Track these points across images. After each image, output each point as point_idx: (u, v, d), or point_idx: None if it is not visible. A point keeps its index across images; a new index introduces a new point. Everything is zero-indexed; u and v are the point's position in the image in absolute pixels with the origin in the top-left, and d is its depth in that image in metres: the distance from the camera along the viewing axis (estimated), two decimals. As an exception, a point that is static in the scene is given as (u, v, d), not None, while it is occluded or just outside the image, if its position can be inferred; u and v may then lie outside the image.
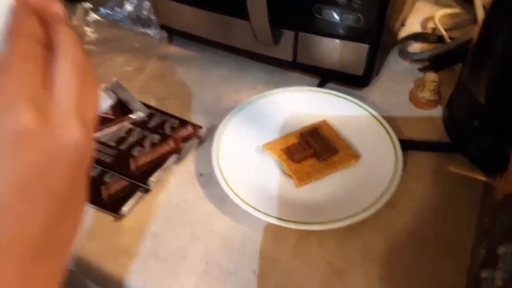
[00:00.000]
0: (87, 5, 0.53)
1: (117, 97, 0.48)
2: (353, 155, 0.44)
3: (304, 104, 0.50)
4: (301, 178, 0.42)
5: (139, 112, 0.48)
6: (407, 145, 0.45)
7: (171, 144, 0.45)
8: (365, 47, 0.47)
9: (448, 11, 0.65)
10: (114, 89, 0.49)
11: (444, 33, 0.60)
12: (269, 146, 0.45)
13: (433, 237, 0.39)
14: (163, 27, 0.58)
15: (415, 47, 0.60)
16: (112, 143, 0.45)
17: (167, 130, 0.47)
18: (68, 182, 0.20)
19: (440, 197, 0.42)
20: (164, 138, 0.46)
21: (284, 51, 0.52)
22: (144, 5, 0.55)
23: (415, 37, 0.60)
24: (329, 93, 0.50)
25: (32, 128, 0.18)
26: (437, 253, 0.38)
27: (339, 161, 0.43)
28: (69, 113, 0.20)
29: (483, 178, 0.41)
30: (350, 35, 0.47)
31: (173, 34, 0.59)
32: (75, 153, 0.20)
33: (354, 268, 0.37)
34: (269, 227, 0.38)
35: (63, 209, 0.20)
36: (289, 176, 0.43)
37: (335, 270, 0.37)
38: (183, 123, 0.48)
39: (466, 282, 0.35)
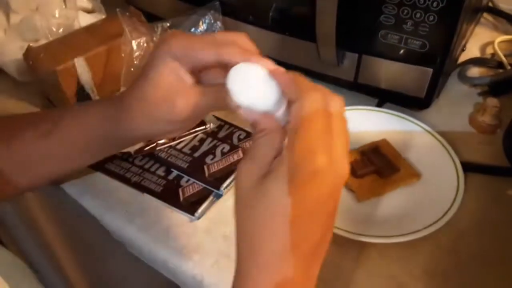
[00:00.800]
0: (166, 24, 0.58)
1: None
2: (414, 174, 0.45)
3: (364, 123, 0.52)
4: (363, 193, 0.44)
5: (210, 123, 0.52)
6: (467, 167, 0.46)
7: (240, 153, 0.49)
8: (428, 71, 0.49)
9: (508, 37, 0.66)
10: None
11: (503, 59, 0.61)
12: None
13: (494, 258, 0.40)
14: (231, 45, 0.62)
15: (474, 71, 0.61)
16: (187, 151, 0.49)
17: (235, 140, 0.51)
18: (336, 203, 0.27)
19: (500, 219, 0.43)
20: (233, 148, 0.50)
21: (345, 72, 0.55)
22: (215, 24, 0.60)
23: (475, 61, 0.61)
24: (389, 113, 0.52)
25: (324, 168, 0.25)
26: (498, 273, 0.39)
27: (400, 179, 0.45)
28: (343, 154, 0.26)
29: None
30: (414, 59, 0.49)
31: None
32: (343, 183, 0.27)
33: (415, 282, 0.39)
34: (332, 237, 0.41)
35: (330, 223, 0.27)
36: (350, 190, 0.45)
37: (396, 282, 0.38)
38: (249, 134, 0.52)
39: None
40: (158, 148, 0.49)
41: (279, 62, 0.59)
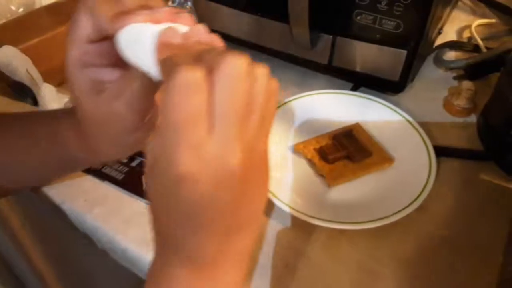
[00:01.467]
0: (132, 2, 0.55)
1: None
2: (387, 159, 0.44)
3: (337, 107, 0.51)
4: (334, 178, 0.43)
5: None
6: (440, 152, 0.45)
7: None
8: (403, 53, 0.47)
9: (485, 21, 0.65)
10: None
11: (480, 42, 0.60)
12: (301, 146, 0.46)
13: (464, 243, 0.39)
14: (202, 27, 0.60)
15: (450, 55, 0.60)
16: (152, 136, 0.47)
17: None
18: (231, 197, 0.21)
19: (472, 204, 0.42)
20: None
21: (320, 54, 0.53)
22: (185, 5, 0.57)
23: (451, 45, 0.60)
24: (363, 97, 0.51)
25: (192, 171, 0.20)
26: (468, 259, 0.38)
27: (372, 163, 0.44)
28: (225, 143, 0.20)
29: (517, 188, 0.41)
30: (389, 40, 0.47)
31: (211, 33, 0.61)
32: (234, 176, 0.21)
33: (384, 269, 0.37)
34: (300, 224, 0.39)
35: (234, 218, 0.23)
36: (321, 176, 0.44)
37: (365, 270, 0.37)
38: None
39: (498, 289, 0.35)
40: (121, 133, 0.47)
41: (253, 44, 0.58)
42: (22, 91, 0.49)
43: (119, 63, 0.27)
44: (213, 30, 0.65)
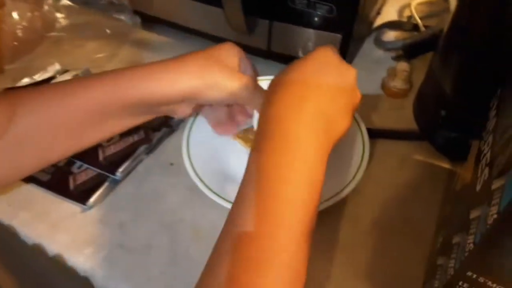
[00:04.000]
0: (55, -11, 0.52)
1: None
2: (322, 145, 0.44)
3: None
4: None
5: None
6: (375, 134, 0.45)
7: (141, 134, 0.45)
8: (337, 37, 0.47)
9: (425, -1, 0.65)
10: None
11: (419, 21, 0.60)
12: (240, 135, 0.45)
13: (398, 224, 0.40)
14: (136, 12, 0.57)
15: (390, 35, 0.60)
16: (81, 133, 0.44)
17: (138, 119, 0.47)
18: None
19: (407, 185, 0.43)
20: (134, 127, 0.45)
21: (259, 40, 0.52)
22: (115, -10, 0.54)
23: (390, 25, 0.60)
24: (301, 82, 0.50)
25: None
26: (401, 239, 0.39)
27: (308, 150, 0.43)
28: None
29: (448, 167, 0.42)
30: (323, 24, 0.46)
31: (147, 20, 0.58)
32: None
33: (315, 253, 0.38)
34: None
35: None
36: (260, 165, 0.43)
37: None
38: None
39: (425, 268, 0.36)
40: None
41: (190, 29, 0.56)
42: None
43: None
44: (149, 16, 0.62)
